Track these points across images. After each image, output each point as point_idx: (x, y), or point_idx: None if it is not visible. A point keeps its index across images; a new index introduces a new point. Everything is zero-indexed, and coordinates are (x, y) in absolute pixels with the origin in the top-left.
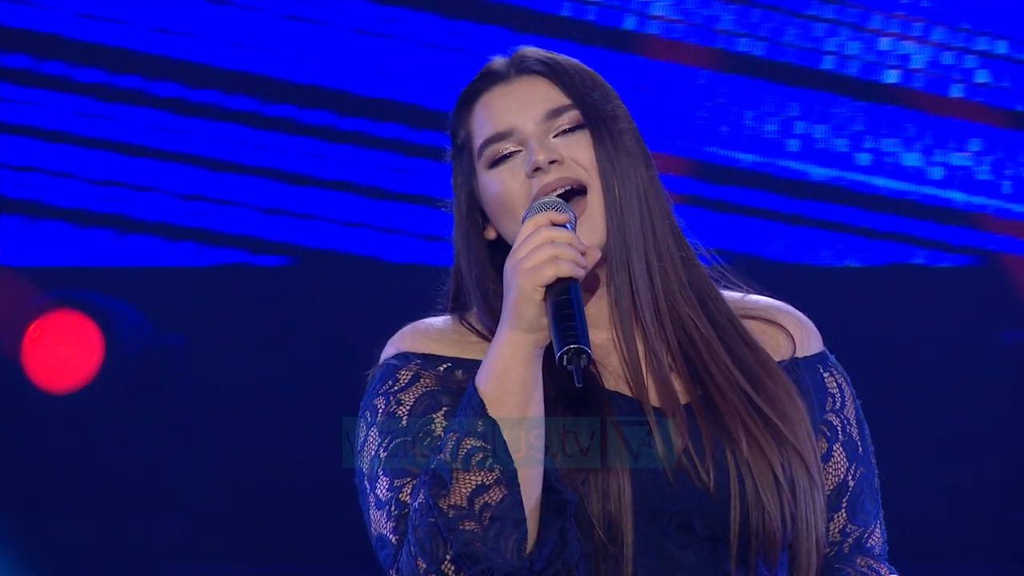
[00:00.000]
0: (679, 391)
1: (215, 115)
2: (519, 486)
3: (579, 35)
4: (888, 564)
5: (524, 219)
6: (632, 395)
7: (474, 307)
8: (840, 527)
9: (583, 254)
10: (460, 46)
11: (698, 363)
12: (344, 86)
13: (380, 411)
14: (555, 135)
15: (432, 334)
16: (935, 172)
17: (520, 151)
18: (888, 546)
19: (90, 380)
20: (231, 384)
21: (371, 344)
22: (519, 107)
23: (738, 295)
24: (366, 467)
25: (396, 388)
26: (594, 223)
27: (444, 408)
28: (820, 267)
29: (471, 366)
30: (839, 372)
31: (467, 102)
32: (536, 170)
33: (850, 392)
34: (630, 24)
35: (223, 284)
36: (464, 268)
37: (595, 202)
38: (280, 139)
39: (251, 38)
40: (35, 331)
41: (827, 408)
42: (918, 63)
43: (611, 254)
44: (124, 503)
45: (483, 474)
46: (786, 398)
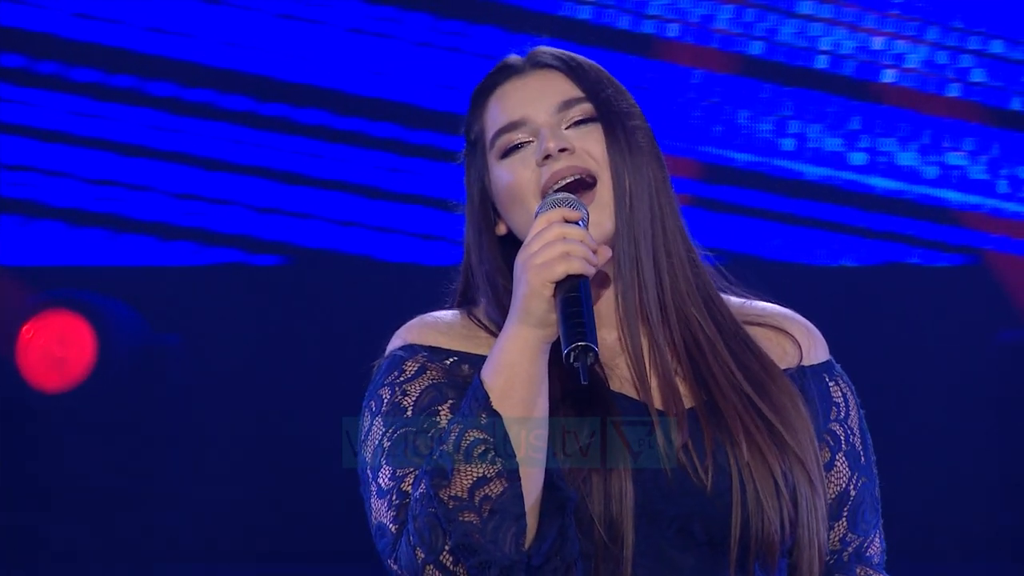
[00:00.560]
0: (683, 394)
1: (210, 114)
2: (520, 480)
3: (574, 34)
4: (886, 573)
5: (537, 214)
6: (636, 396)
7: (483, 302)
8: (840, 536)
9: (594, 251)
10: (455, 45)
11: (702, 365)
12: (339, 86)
13: (385, 401)
14: (567, 126)
15: (439, 327)
16: (930, 171)
17: (532, 141)
18: (886, 555)
19: (84, 379)
20: (226, 383)
21: (367, 343)
22: (532, 98)
23: (741, 301)
24: (369, 456)
25: (402, 379)
26: (603, 215)
27: (450, 401)
28: (815, 266)
29: (477, 361)
30: (844, 382)
31: (481, 97)
32: (547, 157)
33: (855, 402)
34: (625, 23)
35: (218, 283)
36: (474, 263)
37: (604, 194)
38: (275, 138)
39: (246, 38)
40: (29, 331)
41: (831, 417)
42: (913, 63)
43: (619, 248)
44: (118, 503)
45: (485, 467)
46: (790, 405)
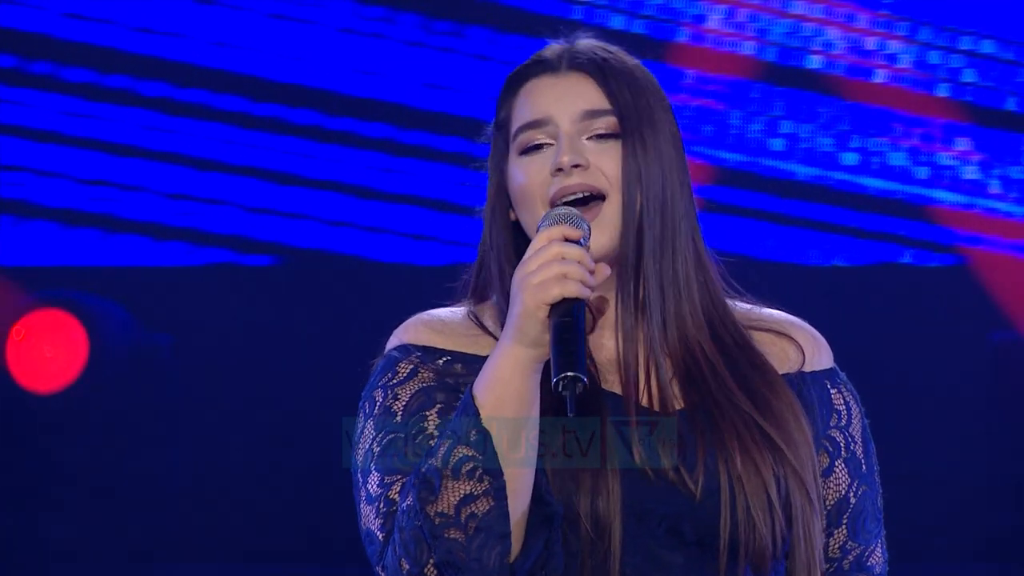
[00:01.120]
0: (677, 398)
1: (202, 115)
2: (507, 499)
3: (566, 35)
4: None
5: (539, 228)
6: (628, 397)
7: (489, 290)
8: (840, 543)
9: (592, 271)
10: (447, 46)
11: (699, 379)
12: (331, 86)
13: (377, 404)
14: (588, 137)
15: (436, 326)
16: (921, 171)
17: (551, 145)
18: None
19: (76, 380)
20: (218, 383)
21: (358, 343)
22: (560, 101)
23: (749, 307)
24: (360, 460)
25: (394, 382)
26: (604, 234)
27: (438, 405)
28: (807, 266)
29: (471, 360)
30: (848, 390)
31: (514, 85)
32: (559, 170)
33: (858, 410)
34: (617, 23)
35: (210, 283)
36: (487, 241)
37: (610, 213)
38: (267, 139)
39: (238, 38)
40: (20, 331)
41: (831, 424)
42: (904, 62)
43: (625, 271)
44: (110, 503)
45: (472, 484)
46: (791, 418)
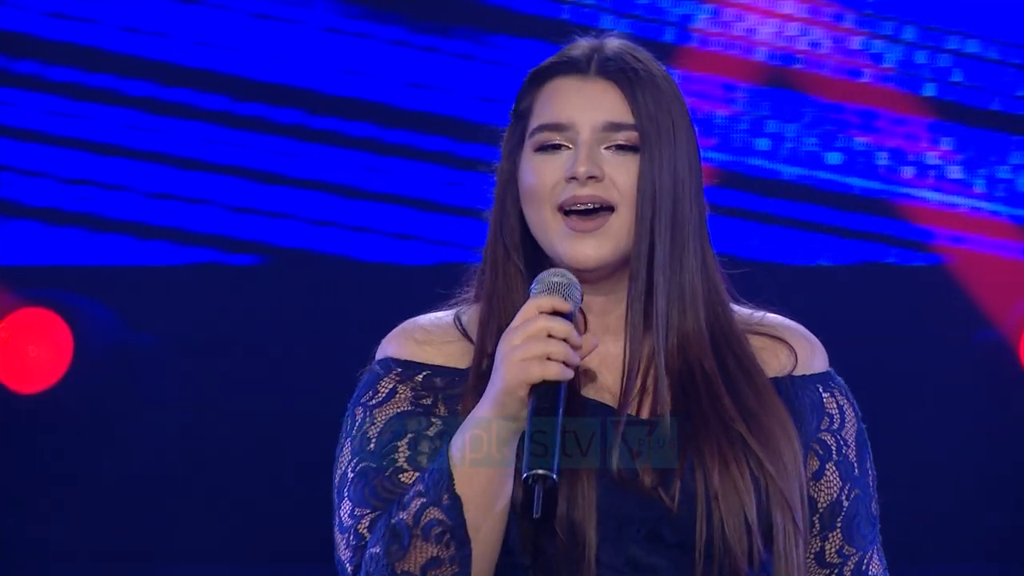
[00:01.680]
0: (664, 410)
1: (187, 114)
2: (471, 567)
3: (552, 34)
4: None
5: (531, 291)
6: (612, 404)
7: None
8: (837, 548)
9: (577, 348)
10: (431, 45)
11: (692, 392)
12: (315, 85)
13: (356, 424)
14: (607, 147)
15: (419, 337)
16: (906, 171)
17: (568, 148)
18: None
19: (60, 380)
20: (203, 383)
21: (343, 343)
22: (583, 107)
23: (750, 312)
24: (337, 479)
25: (373, 402)
26: (608, 243)
27: (409, 435)
28: (792, 266)
29: (451, 375)
30: (843, 394)
31: (539, 79)
32: (573, 178)
33: (853, 414)
34: (604, 23)
35: (195, 283)
36: (495, 227)
37: (616, 224)
38: (251, 138)
39: (222, 38)
40: (3, 331)
41: (822, 427)
42: (890, 62)
43: (636, 284)
44: (94, 503)
45: (439, 548)
46: (782, 437)
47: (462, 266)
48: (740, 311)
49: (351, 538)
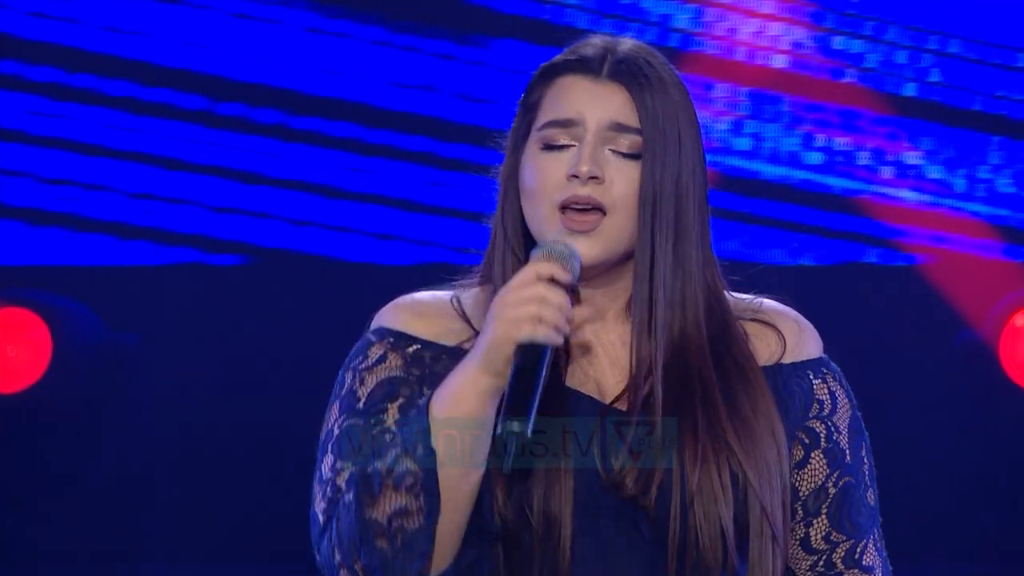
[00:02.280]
0: (652, 407)
1: (168, 114)
2: (437, 520)
3: (532, 35)
4: None
5: (532, 255)
6: (596, 396)
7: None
8: (823, 534)
9: (570, 320)
10: (411, 45)
11: (685, 396)
12: (296, 85)
13: (346, 385)
14: (611, 149)
15: (415, 310)
16: (886, 171)
17: (573, 147)
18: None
19: (39, 380)
20: (184, 383)
21: (325, 343)
22: (591, 105)
23: (749, 299)
24: (322, 437)
25: (363, 366)
26: (596, 245)
27: (400, 399)
28: (773, 266)
29: (438, 351)
30: (835, 380)
31: (550, 74)
32: (575, 176)
33: (846, 400)
34: (583, 23)
35: (176, 283)
36: (499, 214)
37: (607, 227)
38: (233, 138)
39: (203, 37)
40: None
41: (811, 414)
42: (871, 62)
43: (638, 288)
44: (74, 504)
45: (408, 498)
46: (770, 446)
47: (445, 266)
48: (737, 299)
49: (328, 490)
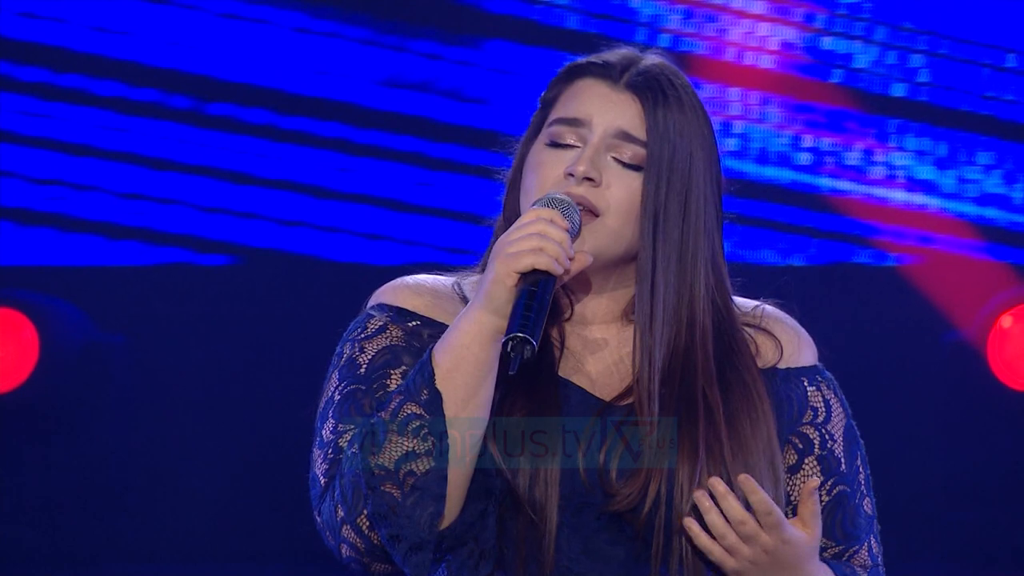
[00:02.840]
0: (639, 410)
1: (156, 114)
2: (448, 462)
3: (521, 35)
4: None
5: (532, 205)
6: (590, 390)
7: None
8: None
9: (571, 258)
10: (400, 45)
11: (682, 410)
12: (285, 86)
13: (345, 356)
14: (613, 156)
15: (414, 288)
16: (876, 171)
17: (577, 148)
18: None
19: (26, 380)
20: (172, 383)
21: (313, 343)
22: (602, 111)
23: (752, 305)
24: (321, 406)
25: (363, 336)
26: (585, 239)
27: (403, 367)
28: (763, 266)
29: (438, 329)
30: (830, 388)
31: (572, 74)
32: (570, 175)
33: (840, 409)
34: (573, 23)
35: (165, 283)
36: (505, 197)
37: (596, 228)
38: (221, 138)
39: (191, 37)
40: None
41: (804, 420)
42: (860, 62)
43: (639, 309)
44: (60, 504)
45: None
46: (763, 457)
47: (434, 266)
48: (741, 305)
49: (330, 451)
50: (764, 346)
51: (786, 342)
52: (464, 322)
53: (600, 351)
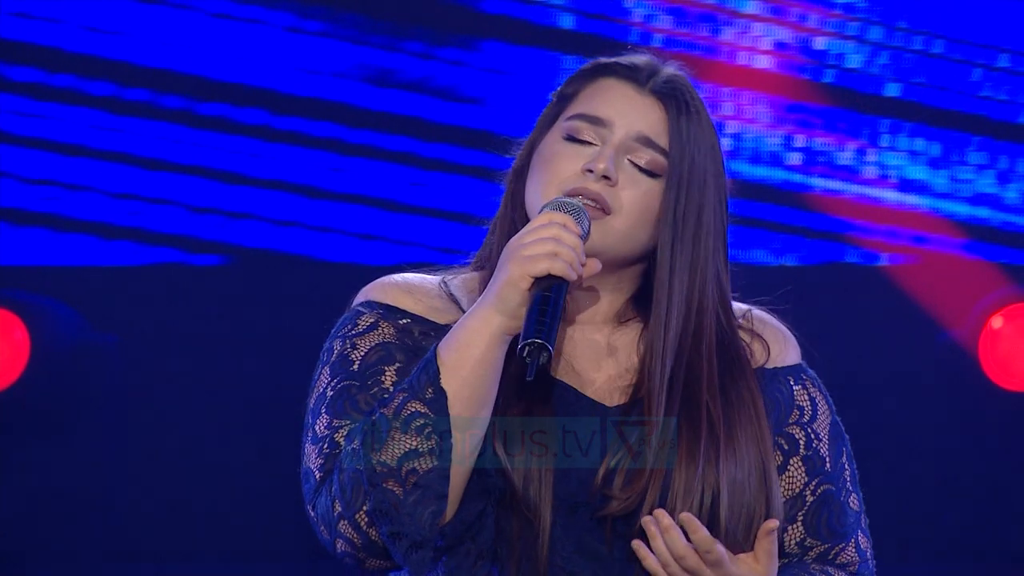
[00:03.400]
0: (647, 412)
1: (149, 114)
2: (450, 461)
3: (515, 35)
4: None
5: (543, 208)
6: (583, 393)
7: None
8: (797, 540)
9: (583, 264)
10: (393, 45)
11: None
12: (278, 86)
13: (335, 352)
14: (630, 159)
15: (403, 287)
16: (868, 171)
17: (595, 146)
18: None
19: (17, 380)
20: (165, 383)
21: (306, 343)
22: (625, 113)
23: (744, 309)
24: (312, 402)
25: (354, 332)
26: (594, 234)
27: (397, 364)
28: (756, 266)
29: (429, 327)
30: (815, 387)
31: (594, 73)
32: (589, 171)
33: (825, 406)
34: (567, 23)
35: (157, 283)
36: (506, 204)
37: (605, 227)
38: (214, 138)
39: (183, 37)
40: None
41: (791, 420)
42: (853, 62)
43: (655, 315)
44: (51, 504)
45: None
46: (758, 462)
47: (426, 266)
48: (735, 310)
49: (325, 446)
50: (753, 347)
51: (772, 342)
52: (472, 321)
53: (592, 352)
